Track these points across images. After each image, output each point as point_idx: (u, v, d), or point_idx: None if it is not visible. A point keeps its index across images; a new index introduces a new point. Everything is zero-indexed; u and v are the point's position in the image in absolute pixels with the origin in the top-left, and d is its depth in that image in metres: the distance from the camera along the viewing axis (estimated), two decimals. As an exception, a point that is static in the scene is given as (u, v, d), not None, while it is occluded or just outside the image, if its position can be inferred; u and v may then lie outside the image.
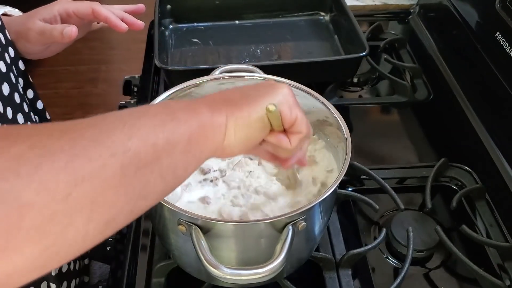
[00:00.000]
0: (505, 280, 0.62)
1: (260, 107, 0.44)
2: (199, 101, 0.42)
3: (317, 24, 1.05)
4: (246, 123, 0.43)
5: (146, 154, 0.33)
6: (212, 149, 0.41)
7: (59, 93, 2.13)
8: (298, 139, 0.47)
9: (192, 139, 0.37)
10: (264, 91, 0.45)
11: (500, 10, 0.75)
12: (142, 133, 0.33)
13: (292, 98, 0.46)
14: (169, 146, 0.35)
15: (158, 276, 0.61)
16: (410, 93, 0.90)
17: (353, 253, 0.62)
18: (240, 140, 0.43)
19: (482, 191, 0.72)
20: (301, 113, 0.47)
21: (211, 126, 0.40)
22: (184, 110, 0.38)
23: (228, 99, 0.44)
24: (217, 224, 0.50)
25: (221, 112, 0.41)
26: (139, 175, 0.32)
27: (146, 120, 0.34)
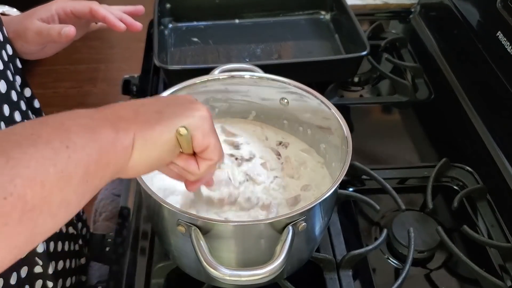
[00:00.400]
0: (506, 281, 0.62)
1: (172, 128, 0.41)
2: (104, 116, 0.37)
3: (318, 23, 1.04)
4: (155, 144, 0.40)
5: (33, 196, 0.29)
6: (114, 172, 0.37)
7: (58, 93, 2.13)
8: (207, 165, 0.45)
9: (90, 167, 0.33)
10: (180, 110, 0.42)
11: (501, 9, 0.75)
12: (28, 170, 0.29)
13: (209, 122, 0.44)
14: (62, 182, 0.31)
15: (157, 277, 0.61)
16: (411, 93, 0.90)
17: (354, 253, 0.62)
18: (147, 161, 0.40)
19: (483, 192, 0.72)
20: (215, 139, 0.44)
21: (113, 149, 0.36)
22: (82, 132, 0.34)
23: (140, 115, 0.40)
24: (216, 224, 0.49)
25: (128, 132, 0.38)
26: (24, 221, 0.29)
27: (35, 152, 0.30)
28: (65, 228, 0.66)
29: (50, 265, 0.59)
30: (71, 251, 0.67)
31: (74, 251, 0.68)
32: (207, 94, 0.66)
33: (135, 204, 0.70)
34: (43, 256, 0.57)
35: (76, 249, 0.69)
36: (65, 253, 0.65)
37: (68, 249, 0.66)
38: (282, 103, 0.67)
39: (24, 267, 0.55)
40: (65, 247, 0.65)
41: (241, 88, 0.67)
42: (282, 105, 0.67)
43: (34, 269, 0.56)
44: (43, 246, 0.57)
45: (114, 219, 0.83)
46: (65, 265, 0.65)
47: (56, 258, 0.62)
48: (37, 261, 0.56)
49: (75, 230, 0.69)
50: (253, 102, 0.69)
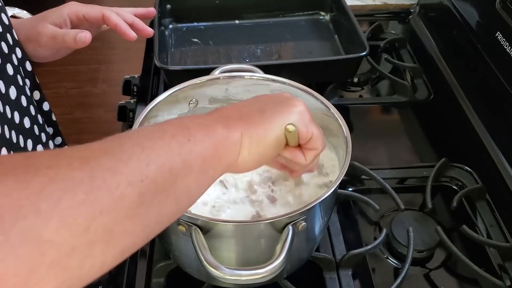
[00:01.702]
0: (505, 280, 0.62)
1: (276, 126, 0.44)
2: (214, 117, 0.42)
3: (317, 24, 1.05)
4: (261, 141, 0.43)
5: (163, 180, 0.33)
6: (226, 166, 0.41)
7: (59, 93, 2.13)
8: (314, 155, 0.48)
9: (207, 159, 0.37)
10: (281, 108, 0.45)
11: (501, 10, 0.75)
12: (159, 158, 0.33)
13: (308, 115, 0.47)
14: (185, 169, 0.35)
15: (158, 276, 0.61)
16: (410, 93, 0.90)
17: (353, 253, 0.62)
18: (254, 156, 0.43)
19: (482, 191, 0.72)
20: (317, 129, 0.47)
21: (225, 144, 0.40)
22: (200, 129, 0.38)
23: (244, 115, 0.43)
24: (217, 224, 0.50)
25: (236, 129, 0.41)
26: (155, 202, 0.33)
27: (164, 143, 0.34)
28: None
29: None
30: None
31: None
32: (208, 95, 0.66)
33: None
34: None
35: None
36: None
37: None
38: (282, 104, 0.67)
39: None
40: None
41: (241, 88, 0.67)
42: (282, 106, 0.67)
43: None
44: None
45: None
46: None
47: None
48: None
49: None
50: (253, 102, 0.69)
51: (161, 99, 0.61)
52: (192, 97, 0.65)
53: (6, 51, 0.56)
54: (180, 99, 0.63)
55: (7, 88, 0.54)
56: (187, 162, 0.35)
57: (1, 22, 0.56)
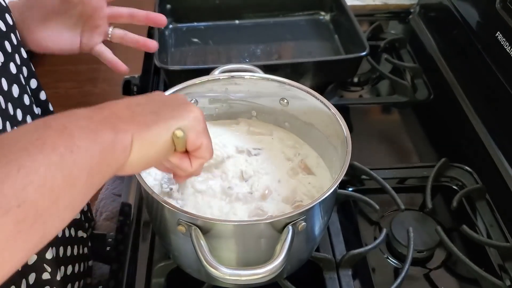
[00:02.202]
0: (505, 280, 0.62)
1: (168, 129, 0.42)
2: (103, 118, 0.38)
3: (318, 24, 1.05)
4: (151, 144, 0.41)
5: (44, 201, 0.30)
6: (114, 171, 0.39)
7: (59, 93, 2.13)
8: (200, 163, 0.48)
9: (93, 170, 0.35)
10: (175, 112, 0.44)
11: (501, 10, 0.75)
12: (38, 178, 0.30)
13: (202, 123, 0.46)
14: (69, 185, 0.32)
15: (158, 277, 0.61)
16: (410, 93, 0.90)
17: (353, 253, 0.62)
18: (144, 160, 0.41)
19: (482, 191, 0.72)
20: (207, 139, 0.47)
21: (113, 150, 0.37)
22: (85, 135, 0.35)
23: (136, 116, 0.41)
24: (217, 224, 0.50)
25: (126, 133, 0.39)
26: (36, 226, 0.30)
27: (43, 159, 0.31)
28: (75, 232, 0.66)
29: (58, 271, 0.59)
30: (80, 254, 0.67)
31: (83, 254, 0.68)
32: (207, 95, 0.66)
33: (135, 203, 0.70)
34: (52, 263, 0.57)
35: (85, 252, 0.69)
36: (74, 257, 0.65)
37: (77, 253, 0.66)
38: (282, 104, 0.67)
39: (32, 274, 0.55)
40: (74, 251, 0.65)
41: (241, 88, 0.67)
42: (282, 106, 0.67)
43: (42, 276, 0.56)
44: (52, 253, 0.57)
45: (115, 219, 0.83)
46: (73, 270, 0.65)
47: (65, 263, 0.62)
48: (46, 267, 0.56)
49: (85, 233, 0.69)
50: (253, 102, 0.69)
51: (161, 99, 0.61)
52: (192, 97, 0.65)
53: (9, 50, 0.55)
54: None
55: (9, 86, 0.54)
56: (71, 178, 0.33)
57: (5, 22, 0.56)
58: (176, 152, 0.45)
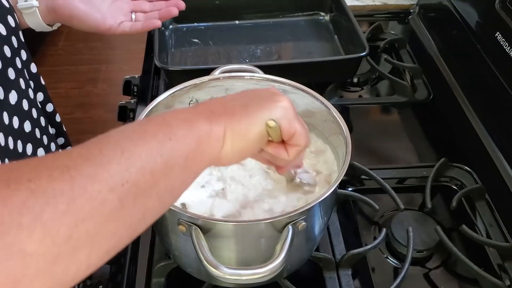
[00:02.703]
0: (505, 280, 0.62)
1: (259, 120, 0.44)
2: (198, 112, 0.41)
3: (317, 24, 1.05)
4: (244, 135, 0.43)
5: (145, 182, 0.33)
6: (209, 161, 0.41)
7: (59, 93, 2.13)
8: (296, 151, 0.48)
9: (189, 156, 0.37)
10: (265, 103, 0.45)
11: (500, 10, 0.75)
12: (140, 160, 0.33)
13: (292, 111, 0.46)
14: (167, 169, 0.35)
15: (158, 276, 0.61)
16: (410, 93, 0.90)
17: (353, 253, 0.62)
18: (237, 150, 0.43)
19: (482, 191, 0.72)
20: (301, 126, 0.47)
21: (208, 139, 0.40)
22: (182, 125, 0.38)
23: (227, 109, 0.43)
24: (217, 224, 0.50)
25: (219, 123, 0.41)
26: (137, 204, 0.33)
27: (144, 145, 0.34)
28: None
29: None
30: None
31: None
32: (208, 95, 0.67)
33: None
34: None
35: None
36: None
37: None
38: (282, 104, 0.67)
39: None
40: None
41: (241, 88, 0.67)
42: (282, 106, 0.67)
43: None
44: None
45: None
46: None
47: None
48: None
49: None
50: (253, 102, 0.69)
51: (161, 99, 0.61)
52: (192, 97, 0.65)
53: (8, 55, 0.55)
54: (180, 99, 0.63)
55: (6, 94, 0.54)
56: (169, 162, 0.35)
57: (7, 24, 0.56)
58: (271, 142, 0.46)
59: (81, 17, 0.65)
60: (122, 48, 2.35)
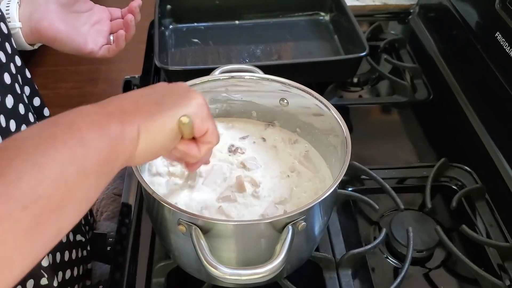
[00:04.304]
0: (505, 280, 0.62)
1: (173, 117, 0.43)
2: (109, 112, 0.39)
3: (317, 24, 1.05)
4: (158, 133, 0.42)
5: (59, 195, 0.32)
6: (123, 162, 0.40)
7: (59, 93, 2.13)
8: (208, 148, 0.48)
9: (103, 161, 0.36)
10: (179, 100, 0.45)
11: (500, 10, 0.75)
12: (52, 172, 0.31)
13: (205, 109, 0.46)
14: (82, 178, 0.34)
15: (158, 276, 0.61)
16: (410, 93, 0.90)
17: (353, 253, 0.62)
18: (151, 149, 0.42)
19: (482, 191, 0.72)
20: (213, 124, 0.47)
21: (122, 141, 0.38)
22: (92, 129, 0.36)
23: (140, 107, 0.42)
24: (217, 224, 0.50)
25: (133, 124, 0.40)
26: (53, 218, 0.32)
27: (55, 154, 0.32)
28: (73, 236, 0.66)
29: (56, 276, 0.59)
30: (78, 258, 0.67)
31: (82, 257, 0.68)
32: (208, 95, 0.67)
33: (136, 203, 0.71)
34: (49, 269, 0.57)
35: (84, 255, 0.69)
36: (72, 261, 0.65)
37: (75, 257, 0.66)
38: (281, 104, 0.67)
39: (30, 280, 0.55)
40: (73, 256, 0.65)
41: (241, 88, 0.67)
42: (282, 106, 0.67)
43: (41, 281, 0.57)
44: (48, 260, 0.57)
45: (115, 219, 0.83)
46: (72, 273, 0.65)
47: (63, 268, 0.62)
48: (43, 273, 0.56)
49: (83, 237, 0.69)
50: (253, 102, 0.69)
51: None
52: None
53: (4, 61, 0.56)
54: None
55: (3, 98, 0.54)
56: (83, 170, 0.34)
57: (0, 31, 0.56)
58: (184, 139, 0.46)
59: (63, 40, 0.65)
60: (122, 48, 2.35)
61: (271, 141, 0.69)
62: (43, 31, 0.63)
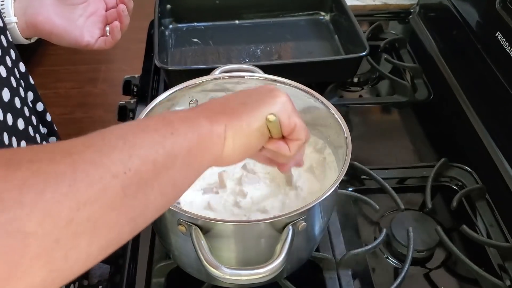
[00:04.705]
0: (505, 280, 0.62)
1: (259, 117, 0.44)
2: (198, 111, 0.41)
3: (317, 24, 1.05)
4: (245, 133, 0.43)
5: (147, 172, 0.33)
6: (212, 159, 0.41)
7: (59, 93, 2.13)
8: (297, 145, 0.48)
9: (191, 152, 0.37)
10: (263, 99, 0.45)
11: (501, 10, 0.75)
12: (142, 150, 0.33)
13: (291, 106, 0.47)
14: (169, 162, 0.35)
15: (158, 276, 0.61)
16: (410, 93, 0.90)
17: (353, 253, 0.62)
18: (239, 149, 0.43)
19: (482, 191, 0.72)
20: (300, 120, 0.47)
21: (210, 137, 0.40)
22: (183, 122, 0.38)
23: (227, 108, 0.43)
24: (217, 224, 0.50)
25: (219, 123, 0.41)
26: (140, 194, 0.33)
27: (146, 136, 0.34)
28: None
29: None
30: None
31: None
32: (208, 95, 0.66)
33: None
34: None
35: None
36: None
37: None
38: (282, 104, 0.67)
39: None
40: None
41: (241, 88, 0.67)
42: (282, 106, 0.67)
43: None
44: None
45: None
46: None
47: None
48: None
49: None
50: (253, 102, 0.69)
51: (161, 99, 0.61)
52: (192, 97, 0.65)
53: None
54: (180, 99, 0.63)
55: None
56: (171, 154, 0.35)
57: None
58: (272, 139, 0.46)
59: (60, 34, 0.65)
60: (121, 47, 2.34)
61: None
62: (39, 25, 0.63)
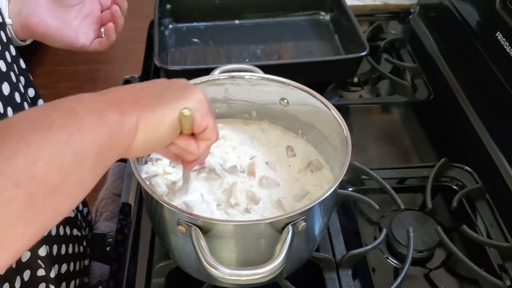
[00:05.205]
0: (505, 280, 0.62)
1: (173, 110, 0.43)
2: (108, 101, 0.39)
3: (318, 24, 1.05)
4: (157, 126, 0.42)
5: (54, 177, 0.31)
6: (120, 153, 0.39)
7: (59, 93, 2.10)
8: (206, 145, 0.48)
9: (100, 150, 0.35)
10: (179, 93, 0.45)
11: (501, 10, 0.75)
12: (47, 154, 0.31)
13: (206, 104, 0.46)
14: (77, 162, 0.33)
15: (158, 276, 0.61)
16: (410, 93, 0.90)
17: (353, 253, 0.62)
18: (150, 142, 0.42)
19: (482, 191, 0.72)
20: (213, 120, 0.47)
21: (120, 131, 0.38)
22: (91, 115, 0.35)
23: (140, 99, 0.42)
24: (217, 224, 0.50)
25: (132, 114, 0.39)
26: (48, 201, 0.31)
27: (52, 137, 0.32)
28: (70, 230, 0.66)
29: (52, 268, 0.59)
30: (75, 253, 0.67)
31: (79, 253, 0.68)
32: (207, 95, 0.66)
33: (135, 203, 0.71)
34: (46, 260, 0.57)
35: (81, 251, 0.69)
36: (69, 255, 0.65)
37: (72, 251, 0.66)
38: (282, 104, 0.67)
39: (27, 271, 0.55)
40: (69, 250, 0.65)
41: (241, 88, 0.67)
42: (282, 106, 0.67)
43: (37, 272, 0.57)
44: (46, 250, 0.57)
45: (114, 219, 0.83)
46: (68, 268, 0.65)
47: (60, 261, 0.62)
48: (40, 264, 0.56)
49: (80, 232, 0.69)
50: (253, 102, 0.69)
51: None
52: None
53: None
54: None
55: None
56: (79, 155, 0.33)
57: None
58: (182, 135, 0.46)
59: (54, 35, 0.64)
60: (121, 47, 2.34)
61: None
62: (33, 27, 0.63)
